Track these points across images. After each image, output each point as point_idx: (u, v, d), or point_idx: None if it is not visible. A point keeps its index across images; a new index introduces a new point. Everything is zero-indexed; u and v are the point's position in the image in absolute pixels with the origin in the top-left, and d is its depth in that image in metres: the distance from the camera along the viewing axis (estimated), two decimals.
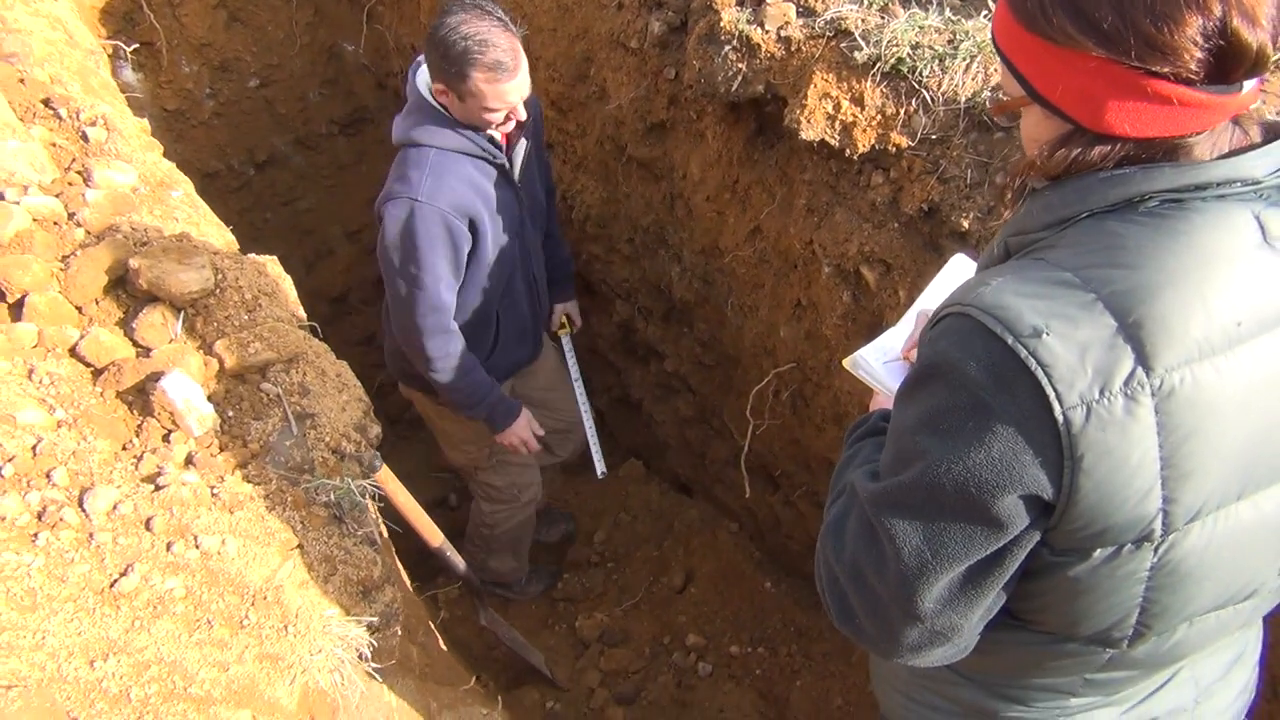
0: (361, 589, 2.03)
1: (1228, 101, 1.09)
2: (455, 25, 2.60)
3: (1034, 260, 1.20)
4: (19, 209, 2.29)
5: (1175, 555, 1.18)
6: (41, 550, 1.71)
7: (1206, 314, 1.08)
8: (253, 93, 5.61)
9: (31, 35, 3.19)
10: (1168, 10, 1.04)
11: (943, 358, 1.18)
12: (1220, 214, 1.11)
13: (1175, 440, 1.10)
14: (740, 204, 3.42)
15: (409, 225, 2.77)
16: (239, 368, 2.20)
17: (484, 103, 2.70)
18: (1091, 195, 1.16)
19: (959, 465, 1.15)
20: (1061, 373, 1.08)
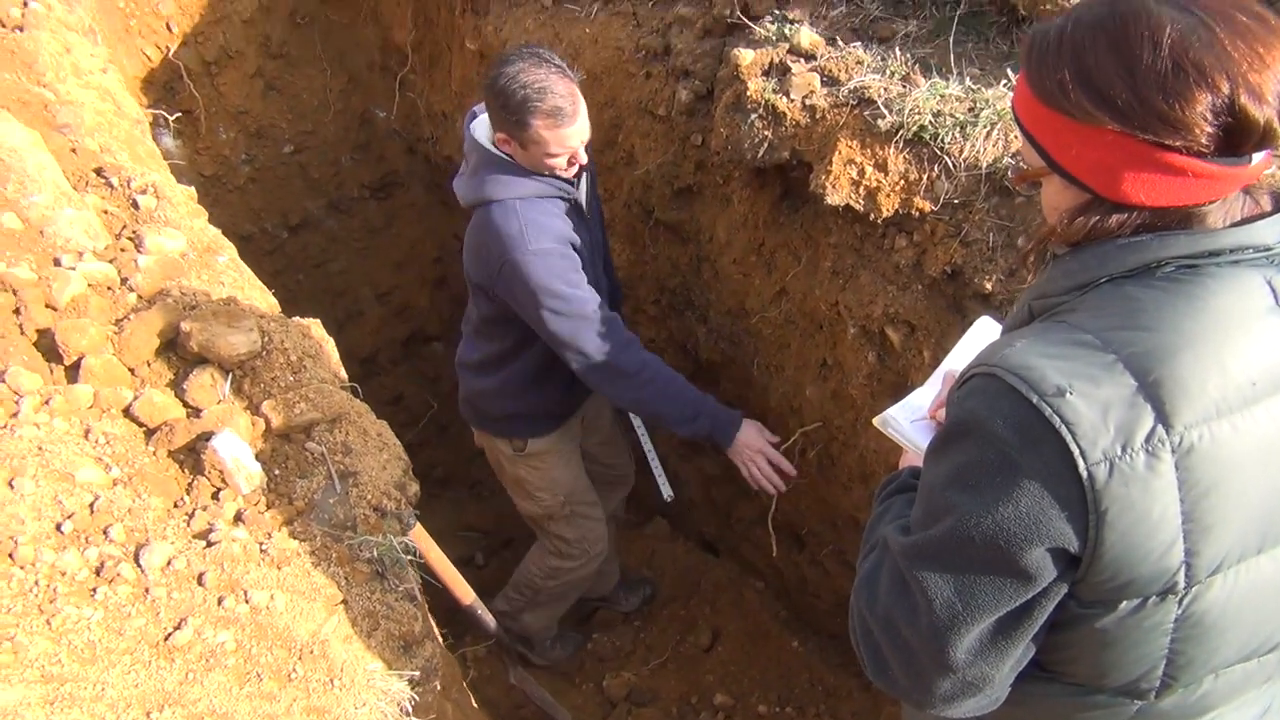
0: (403, 644, 2.07)
1: (1239, 173, 1.16)
2: (514, 74, 2.65)
3: (1057, 323, 1.26)
4: (75, 275, 2.38)
5: (1199, 607, 1.22)
6: (100, 604, 1.78)
7: (1222, 374, 1.14)
8: (287, 158, 5.77)
9: (83, 107, 3.31)
10: (1178, 88, 1.11)
11: (971, 416, 1.23)
12: (1233, 279, 1.18)
13: (1195, 495, 1.15)
14: (766, 266, 3.50)
15: (536, 276, 2.78)
16: (285, 427, 2.27)
17: (546, 149, 2.74)
18: (1110, 261, 1.22)
19: (988, 519, 1.20)
20: (1085, 430, 1.13)
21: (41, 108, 3.11)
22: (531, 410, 3.37)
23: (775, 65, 3.09)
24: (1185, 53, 1.11)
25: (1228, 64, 1.10)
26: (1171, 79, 1.11)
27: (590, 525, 3.72)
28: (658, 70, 3.66)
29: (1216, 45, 1.11)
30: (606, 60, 3.85)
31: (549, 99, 2.66)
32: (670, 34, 3.63)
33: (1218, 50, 1.11)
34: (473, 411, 3.45)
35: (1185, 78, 1.11)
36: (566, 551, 3.75)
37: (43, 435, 2.03)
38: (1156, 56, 1.12)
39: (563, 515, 3.63)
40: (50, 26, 3.65)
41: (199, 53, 5.35)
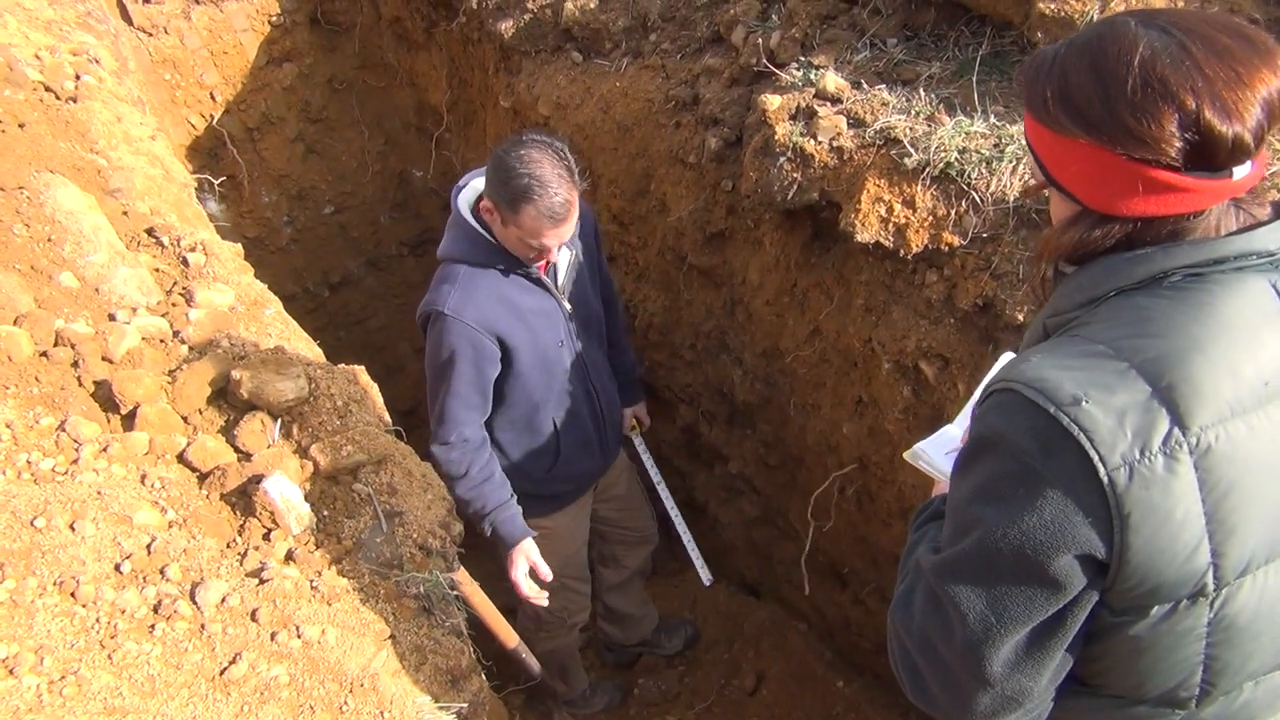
0: (450, 678, 2.11)
1: (1218, 187, 1.20)
2: (525, 159, 2.69)
3: (1070, 337, 1.29)
4: (130, 329, 2.48)
5: (1231, 610, 1.23)
6: (159, 640, 1.83)
7: (1234, 376, 1.17)
8: (327, 219, 5.92)
9: (134, 172, 3.44)
10: (1145, 104, 1.17)
11: (992, 430, 1.27)
12: (1239, 285, 1.21)
13: (1217, 495, 1.17)
14: (799, 306, 3.55)
15: (435, 336, 2.91)
16: (333, 469, 2.33)
17: (525, 238, 2.80)
18: (1117, 274, 1.27)
19: (1014, 530, 1.22)
20: (1103, 436, 1.16)
21: (95, 173, 3.24)
22: (524, 490, 3.27)
23: (802, 109, 3.16)
24: (1153, 70, 1.17)
25: (1196, 81, 1.15)
26: (1140, 95, 1.17)
27: (574, 598, 3.71)
28: (687, 120, 3.75)
29: (1187, 64, 1.16)
30: (637, 112, 3.94)
31: (548, 197, 2.70)
32: (698, 84, 3.72)
33: (1187, 68, 1.16)
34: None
35: (1151, 94, 1.17)
36: (545, 618, 3.69)
37: (101, 480, 2.10)
38: (1128, 74, 1.18)
39: (550, 588, 3.52)
40: (102, 97, 3.80)
41: (241, 120, 5.53)
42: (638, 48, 4.06)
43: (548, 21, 4.34)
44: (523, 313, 3.00)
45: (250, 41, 5.43)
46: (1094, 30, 1.26)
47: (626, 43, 4.10)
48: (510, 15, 4.47)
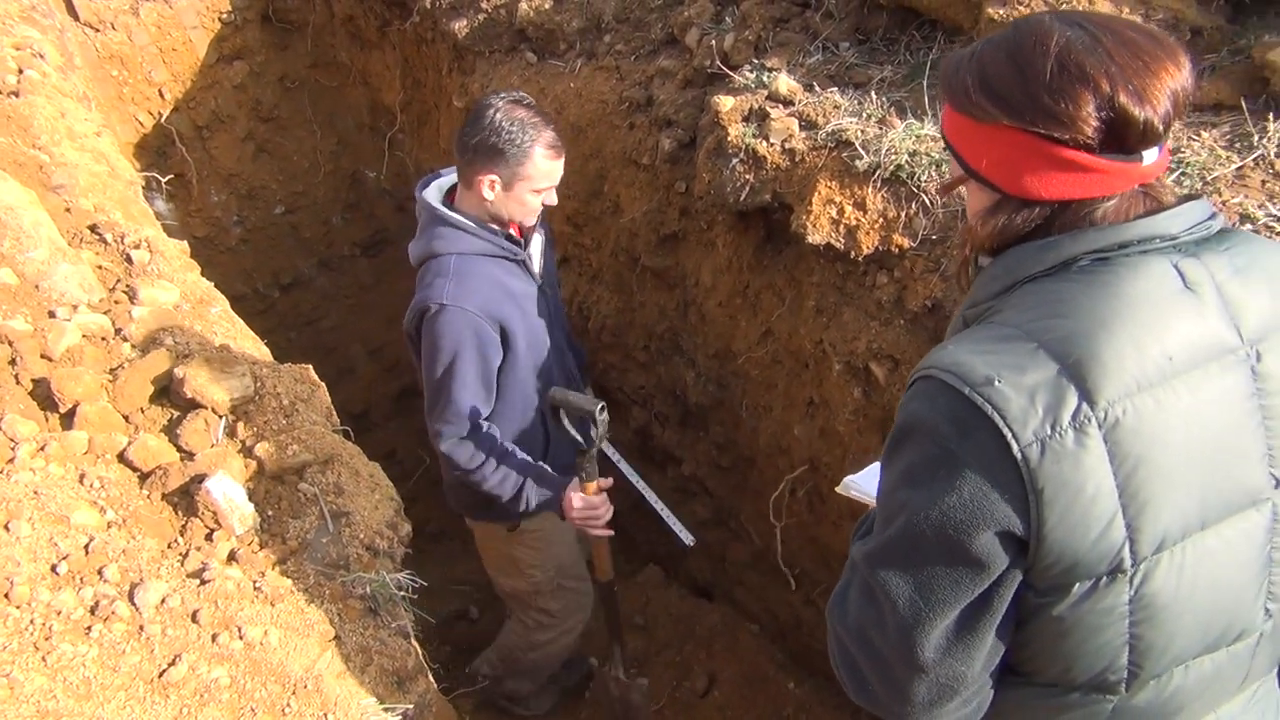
0: (396, 679, 2.09)
1: (1130, 169, 1.26)
2: (509, 110, 2.72)
3: (985, 324, 1.34)
4: (70, 326, 2.43)
5: (1151, 588, 1.25)
6: (95, 642, 1.79)
7: (1138, 351, 1.20)
8: (278, 219, 5.86)
9: (77, 168, 3.38)
10: (1062, 86, 1.23)
11: (912, 416, 1.30)
12: (1143, 266, 1.25)
13: (1127, 469, 1.20)
14: (751, 308, 3.56)
15: (436, 330, 2.79)
16: (278, 469, 2.30)
17: (536, 184, 2.78)
18: (1028, 262, 1.31)
19: (935, 511, 1.25)
20: (1015, 414, 1.19)
21: (37, 169, 3.18)
22: None
23: (755, 111, 3.17)
24: (1069, 56, 1.24)
25: (1109, 67, 1.22)
26: (1057, 79, 1.24)
27: (575, 596, 3.65)
28: (641, 121, 3.75)
29: (1101, 51, 1.23)
30: (591, 113, 3.94)
31: (547, 132, 2.74)
32: (652, 86, 3.72)
33: (1101, 55, 1.23)
34: (459, 499, 3.32)
35: (1069, 77, 1.23)
36: (548, 623, 3.66)
37: (38, 480, 2.06)
38: (1045, 60, 1.25)
39: (550, 589, 3.54)
40: (45, 92, 3.73)
41: (191, 118, 5.45)
42: (592, 49, 4.06)
43: (502, 22, 4.33)
44: (516, 297, 2.94)
45: (200, 39, 5.36)
46: (1010, 27, 1.33)
47: (581, 44, 4.10)
48: (464, 15, 4.45)
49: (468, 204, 2.89)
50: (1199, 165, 2.39)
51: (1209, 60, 2.61)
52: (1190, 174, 2.38)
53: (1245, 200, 2.26)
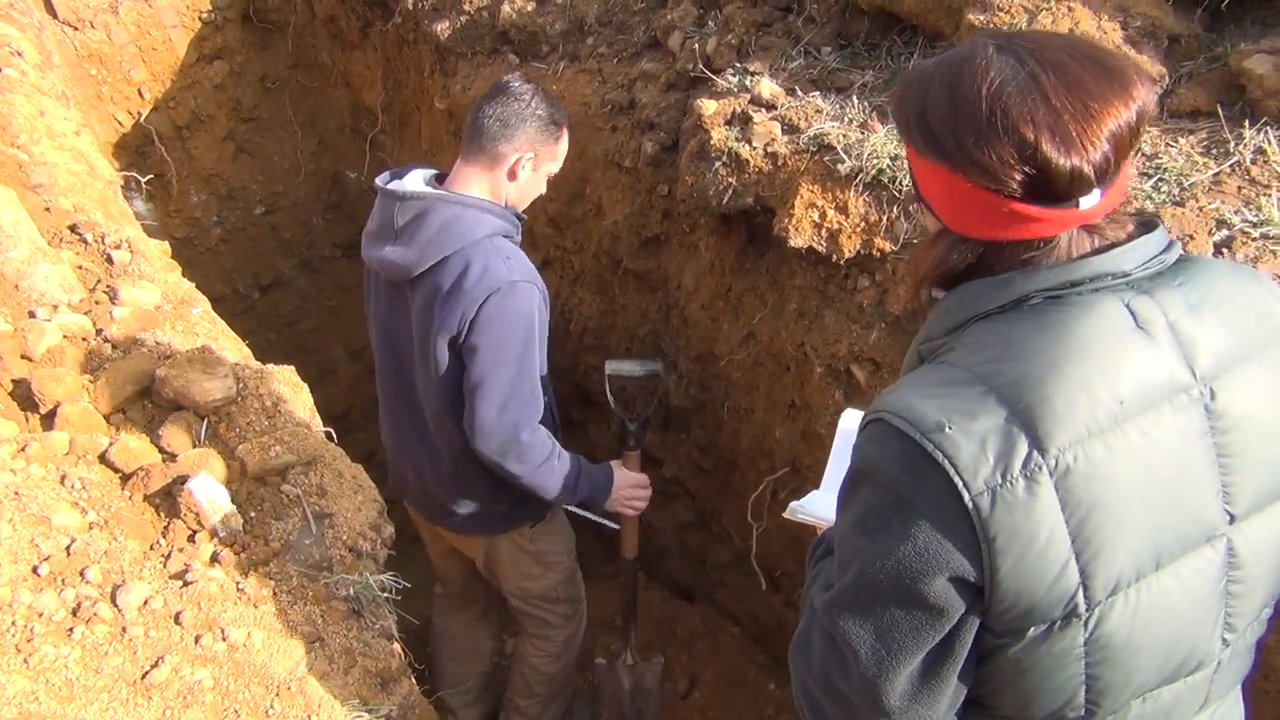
0: (380, 680, 2.09)
1: (1064, 216, 1.24)
2: (540, 90, 2.74)
3: (937, 364, 1.32)
4: (50, 326, 2.41)
5: (1106, 629, 1.24)
6: (77, 643, 1.79)
7: (1089, 395, 1.19)
8: (258, 219, 5.83)
9: (57, 168, 3.36)
10: (986, 134, 1.21)
11: (866, 461, 1.29)
12: (1094, 305, 1.23)
13: (1080, 516, 1.18)
14: (733, 311, 3.57)
15: (511, 308, 2.66)
16: (260, 470, 2.29)
17: (557, 164, 2.82)
18: (980, 299, 1.30)
19: (890, 559, 1.24)
20: (965, 462, 1.18)
21: (16, 168, 3.16)
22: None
23: (737, 115, 3.19)
24: (997, 101, 1.20)
25: (1038, 113, 1.18)
26: (984, 125, 1.21)
27: (579, 574, 3.56)
28: (623, 124, 3.76)
29: (1034, 94, 1.19)
30: (574, 115, 3.93)
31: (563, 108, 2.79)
32: (635, 89, 3.73)
33: (1033, 99, 1.19)
34: (474, 518, 3.13)
35: (994, 124, 1.20)
36: (572, 614, 3.52)
37: (19, 481, 2.04)
38: (976, 104, 1.21)
39: (571, 571, 3.43)
40: (24, 91, 3.70)
41: (170, 117, 5.42)
42: (575, 51, 4.06)
43: (484, 24, 4.33)
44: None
45: (180, 38, 5.33)
46: (958, 52, 1.29)
47: (563, 46, 4.10)
48: (446, 17, 4.44)
49: (476, 189, 2.78)
50: (1176, 171, 2.42)
51: (1186, 67, 2.64)
52: (1168, 180, 2.41)
53: (1222, 206, 2.28)
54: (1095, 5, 2.63)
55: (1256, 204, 2.27)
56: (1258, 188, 2.33)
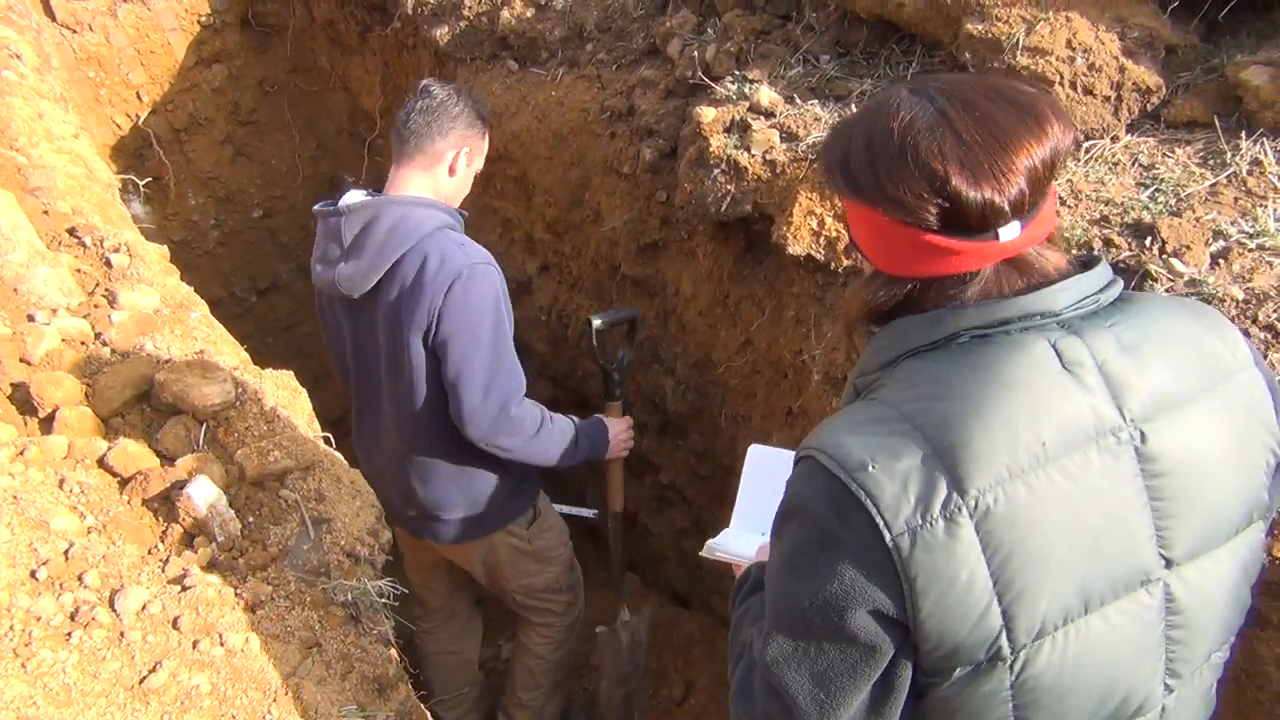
0: (377, 686, 2.09)
1: (985, 248, 1.25)
2: (463, 89, 2.85)
3: (868, 400, 1.32)
4: (49, 330, 2.42)
5: (1033, 672, 1.23)
6: (75, 648, 1.78)
7: (1010, 436, 1.19)
8: (256, 223, 5.84)
9: (55, 171, 3.36)
10: (898, 170, 1.24)
11: (795, 498, 1.29)
12: (1019, 345, 1.24)
13: (1001, 557, 1.18)
14: (731, 318, 3.58)
15: (476, 291, 2.71)
16: (259, 475, 2.29)
17: (483, 161, 2.94)
18: (910, 336, 1.30)
19: (819, 599, 1.23)
20: (887, 502, 1.18)
21: (14, 171, 3.16)
22: (526, 475, 3.20)
23: (736, 122, 3.19)
24: (907, 137, 1.24)
25: (945, 146, 1.22)
26: (896, 162, 1.24)
27: (576, 560, 3.60)
28: (622, 130, 3.77)
29: (941, 129, 1.23)
30: (573, 121, 3.95)
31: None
32: (634, 95, 3.74)
33: (941, 134, 1.22)
34: (469, 522, 3.15)
35: (904, 160, 1.24)
36: (575, 600, 3.58)
37: (17, 485, 2.04)
38: (888, 140, 1.26)
39: (570, 560, 3.48)
40: (23, 94, 3.71)
41: (169, 120, 5.44)
42: (574, 58, 4.07)
43: (484, 29, 4.34)
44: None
45: (179, 41, 5.34)
46: (876, 100, 1.34)
47: (563, 52, 4.11)
48: (446, 22, 4.45)
49: (416, 189, 2.86)
50: (1173, 182, 2.43)
51: (1183, 78, 2.66)
52: (1165, 190, 2.42)
53: (1218, 217, 2.29)
54: (1093, 16, 2.64)
55: (1253, 215, 2.28)
56: (1254, 199, 2.34)
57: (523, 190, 4.41)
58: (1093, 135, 2.62)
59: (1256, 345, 2.03)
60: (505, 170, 4.42)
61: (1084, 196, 2.46)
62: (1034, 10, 2.66)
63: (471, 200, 4.78)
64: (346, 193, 2.90)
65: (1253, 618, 1.99)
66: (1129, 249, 2.28)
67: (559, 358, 4.70)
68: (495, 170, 4.51)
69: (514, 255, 4.74)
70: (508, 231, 4.75)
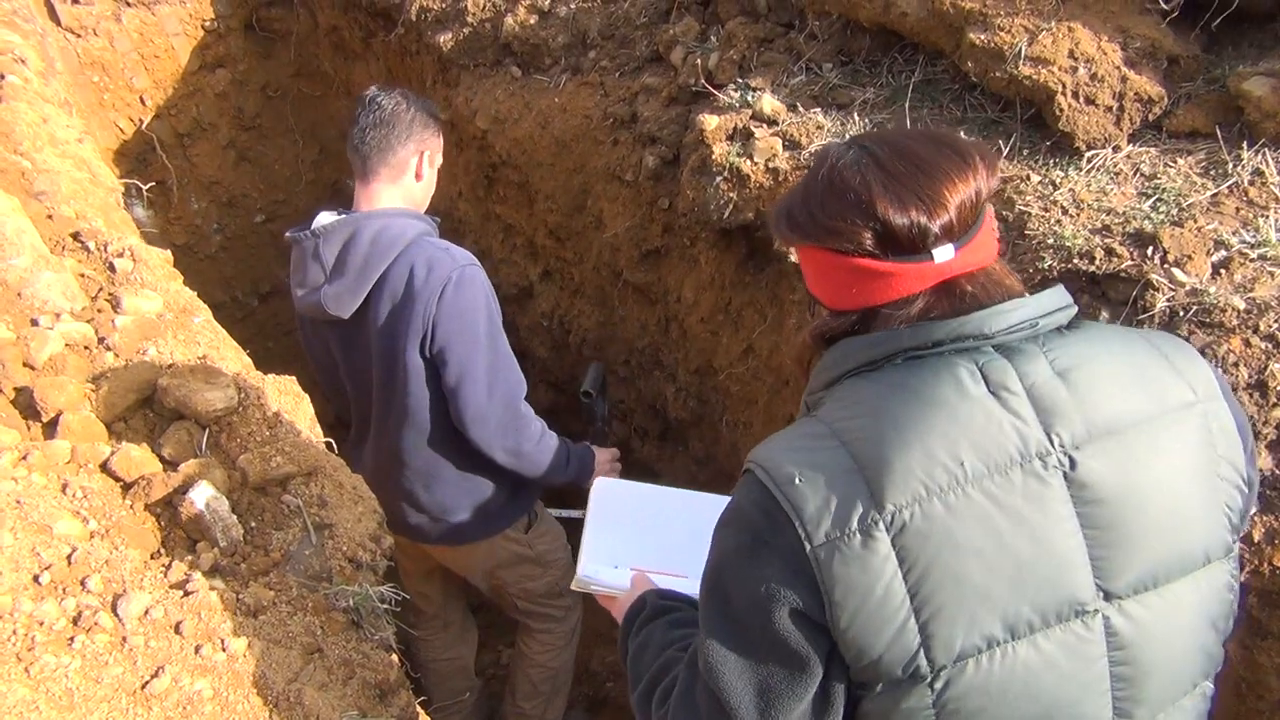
0: (378, 692, 2.09)
1: (922, 269, 1.31)
2: (408, 92, 2.86)
3: (807, 418, 1.38)
4: (53, 334, 2.42)
5: (954, 694, 1.23)
6: (78, 653, 1.79)
7: (926, 455, 1.21)
8: (258, 227, 5.85)
9: (59, 175, 3.37)
10: (830, 202, 1.35)
11: (734, 506, 1.34)
12: (945, 367, 1.27)
13: (917, 574, 1.20)
14: (733, 325, 3.59)
15: (468, 293, 2.73)
16: (261, 480, 2.30)
17: (441, 158, 2.93)
18: (851, 356, 1.36)
19: (750, 600, 1.27)
20: (810, 514, 1.22)
21: (19, 175, 3.16)
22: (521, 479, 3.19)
23: (739, 130, 3.20)
24: (835, 174, 1.36)
25: (872, 175, 1.32)
26: (827, 196, 1.36)
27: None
28: (625, 137, 3.78)
29: (868, 164, 1.34)
30: (576, 128, 3.96)
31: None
32: (637, 102, 3.75)
33: (867, 167, 1.33)
34: (474, 522, 3.16)
35: (834, 192, 1.35)
36: (574, 603, 3.57)
37: (20, 489, 2.05)
38: (818, 181, 1.39)
39: (567, 565, 3.46)
40: (27, 98, 3.72)
41: (172, 125, 5.45)
42: (577, 64, 4.08)
43: (487, 35, 4.35)
44: None
45: (183, 46, 5.35)
46: (814, 159, 1.48)
47: (566, 59, 4.12)
48: (449, 28, 4.46)
49: (388, 201, 2.86)
50: (1175, 192, 2.44)
51: (1185, 88, 2.66)
52: (1166, 200, 2.42)
53: (1220, 227, 2.30)
54: (1095, 26, 2.65)
55: (1254, 225, 2.29)
56: (1255, 209, 2.34)
57: (525, 196, 4.41)
58: (1095, 145, 2.62)
59: (1257, 356, 2.04)
60: (508, 176, 4.43)
61: (1086, 206, 2.47)
62: (1036, 20, 2.67)
63: (474, 206, 4.81)
64: (317, 217, 2.91)
65: (1252, 627, 2.00)
66: (1130, 258, 2.28)
67: (560, 363, 4.71)
68: (498, 176, 4.52)
69: (516, 261, 4.75)
70: (510, 237, 4.76)
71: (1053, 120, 2.64)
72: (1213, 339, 2.10)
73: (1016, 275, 1.42)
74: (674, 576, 1.91)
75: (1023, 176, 2.63)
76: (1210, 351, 2.08)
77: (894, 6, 2.98)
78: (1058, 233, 2.39)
